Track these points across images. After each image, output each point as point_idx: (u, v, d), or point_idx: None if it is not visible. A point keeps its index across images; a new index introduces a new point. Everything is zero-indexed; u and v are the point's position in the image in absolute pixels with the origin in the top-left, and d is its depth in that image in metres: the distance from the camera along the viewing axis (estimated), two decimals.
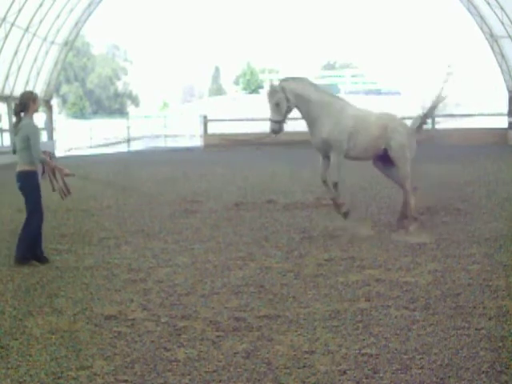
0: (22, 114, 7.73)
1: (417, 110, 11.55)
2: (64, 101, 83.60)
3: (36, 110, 7.84)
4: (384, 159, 9.75)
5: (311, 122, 9.45)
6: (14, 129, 7.77)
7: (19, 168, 7.72)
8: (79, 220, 11.12)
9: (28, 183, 7.73)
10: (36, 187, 7.75)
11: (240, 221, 10.60)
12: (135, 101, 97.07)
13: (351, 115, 9.46)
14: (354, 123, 9.39)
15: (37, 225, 7.81)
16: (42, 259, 7.78)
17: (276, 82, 9.39)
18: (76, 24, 35.06)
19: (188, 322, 5.46)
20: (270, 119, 9.27)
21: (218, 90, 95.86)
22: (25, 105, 7.68)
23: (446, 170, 18.94)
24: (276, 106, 9.19)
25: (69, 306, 6.01)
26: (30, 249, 7.74)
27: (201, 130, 38.22)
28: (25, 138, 7.59)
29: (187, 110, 62.60)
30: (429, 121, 37.45)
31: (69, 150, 37.37)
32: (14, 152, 7.91)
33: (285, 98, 9.18)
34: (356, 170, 19.66)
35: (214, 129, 38.41)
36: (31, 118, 7.78)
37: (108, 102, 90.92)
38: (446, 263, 7.28)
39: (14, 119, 7.83)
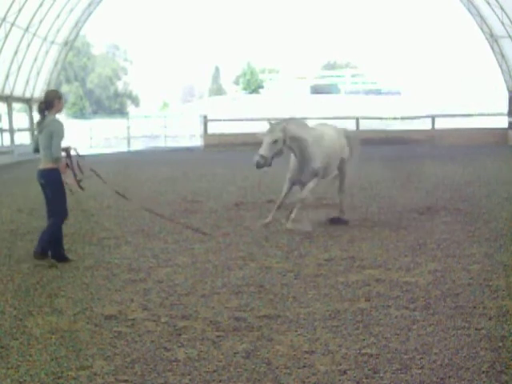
0: (46, 113, 7.72)
1: (417, 110, 11.67)
2: (64, 101, 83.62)
3: (60, 110, 7.86)
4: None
5: (303, 158, 9.67)
6: (38, 127, 7.75)
7: (43, 166, 7.69)
8: (79, 220, 11.12)
9: (52, 181, 7.69)
10: (61, 185, 7.73)
11: (240, 221, 10.60)
12: (135, 101, 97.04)
13: (327, 138, 10.01)
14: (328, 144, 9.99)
15: (61, 223, 7.81)
16: (62, 258, 7.77)
17: (277, 122, 9.61)
18: (76, 24, 35.09)
19: (188, 322, 5.46)
20: (261, 154, 9.32)
21: (218, 90, 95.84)
22: (50, 103, 7.69)
23: (446, 169, 18.95)
24: (272, 144, 9.34)
25: (69, 306, 6.01)
26: (53, 247, 7.72)
27: (201, 130, 38.23)
28: (50, 135, 7.57)
29: (187, 110, 62.61)
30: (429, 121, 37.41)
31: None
32: (35, 150, 7.90)
33: (283, 139, 9.39)
34: (355, 170, 19.67)
35: (214, 129, 38.43)
36: (54, 116, 7.77)
37: (108, 102, 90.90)
38: (446, 263, 7.28)
39: (38, 117, 7.83)
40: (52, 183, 7.70)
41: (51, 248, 7.72)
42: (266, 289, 6.44)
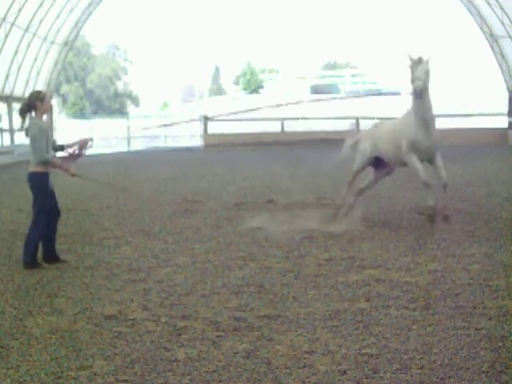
0: (33, 114, 7.61)
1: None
2: (64, 101, 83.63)
3: (45, 111, 7.72)
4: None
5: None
6: (25, 131, 7.70)
7: (30, 169, 7.63)
8: (79, 220, 11.12)
9: (36, 184, 7.58)
10: (43, 189, 7.56)
11: (240, 221, 10.59)
12: (135, 101, 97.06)
13: None
14: None
15: (43, 226, 7.65)
16: (55, 259, 7.75)
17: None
18: (76, 24, 35.06)
19: (188, 322, 5.46)
20: (418, 76, 9.34)
21: (218, 90, 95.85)
22: (31, 105, 7.55)
23: (446, 170, 18.91)
24: (426, 75, 9.31)
25: (69, 306, 6.01)
26: (44, 250, 7.70)
27: (201, 130, 38.22)
28: (33, 138, 7.49)
29: (187, 110, 62.60)
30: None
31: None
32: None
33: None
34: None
35: (213, 129, 38.42)
36: (40, 118, 7.66)
37: (108, 102, 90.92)
38: (446, 263, 7.28)
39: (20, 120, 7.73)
40: (34, 187, 7.59)
41: (43, 249, 7.69)
42: (265, 289, 6.44)
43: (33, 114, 7.62)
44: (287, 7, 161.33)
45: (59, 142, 8.38)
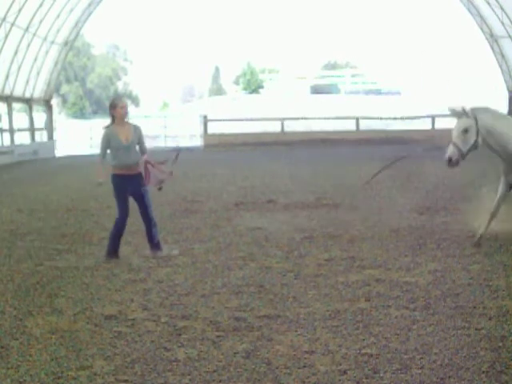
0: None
1: (417, 110, 11.64)
2: (64, 101, 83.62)
3: (118, 116, 8.04)
4: None
5: (507, 156, 8.39)
6: None
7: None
8: (79, 220, 11.12)
9: (112, 184, 8.05)
10: (114, 189, 8.03)
11: (240, 221, 10.59)
12: (135, 101, 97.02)
13: None
14: None
15: (119, 223, 8.10)
16: (153, 251, 8.10)
17: (462, 109, 7.99)
18: (76, 24, 35.08)
19: (188, 322, 5.46)
20: (454, 142, 7.92)
21: (218, 90, 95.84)
22: (109, 113, 8.17)
23: (446, 170, 18.91)
24: (463, 133, 7.90)
25: (69, 306, 6.01)
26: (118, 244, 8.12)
27: (201, 130, 38.22)
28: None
29: (187, 110, 62.60)
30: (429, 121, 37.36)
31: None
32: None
33: (476, 129, 7.86)
34: (356, 170, 19.68)
35: (213, 129, 38.42)
36: (117, 123, 8.06)
37: (108, 102, 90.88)
38: (446, 263, 7.27)
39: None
40: (112, 187, 8.09)
41: (118, 246, 8.11)
42: (265, 289, 6.44)
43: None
44: (287, 7, 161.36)
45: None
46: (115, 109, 8.05)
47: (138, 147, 8.10)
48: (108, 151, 8.09)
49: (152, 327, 5.34)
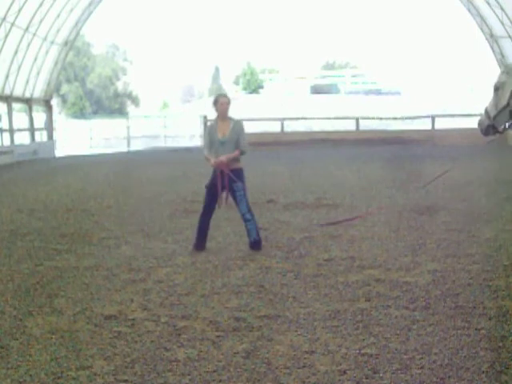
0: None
1: (417, 110, 11.63)
2: (64, 101, 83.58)
3: (218, 111, 8.16)
4: None
5: None
6: None
7: None
8: (79, 220, 11.12)
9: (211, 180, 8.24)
10: (207, 184, 8.24)
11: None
12: (135, 101, 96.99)
13: None
14: None
15: (201, 216, 8.38)
16: (253, 246, 8.18)
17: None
18: (76, 24, 35.08)
19: (188, 322, 5.46)
20: (486, 108, 6.50)
21: (217, 90, 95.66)
22: (214, 108, 8.25)
23: (446, 170, 18.91)
24: (495, 92, 6.44)
25: (69, 306, 6.01)
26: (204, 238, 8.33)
27: (201, 130, 38.21)
28: None
29: (187, 110, 62.60)
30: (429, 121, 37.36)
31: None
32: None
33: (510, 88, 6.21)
34: (356, 170, 19.69)
35: None
36: (218, 118, 8.21)
37: (108, 102, 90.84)
38: (446, 263, 7.27)
39: None
40: None
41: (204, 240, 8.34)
42: (265, 289, 6.44)
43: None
44: (287, 7, 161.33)
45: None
46: (216, 104, 8.18)
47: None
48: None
49: (152, 327, 5.34)
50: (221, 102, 8.13)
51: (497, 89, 6.43)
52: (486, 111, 6.49)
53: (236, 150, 8.05)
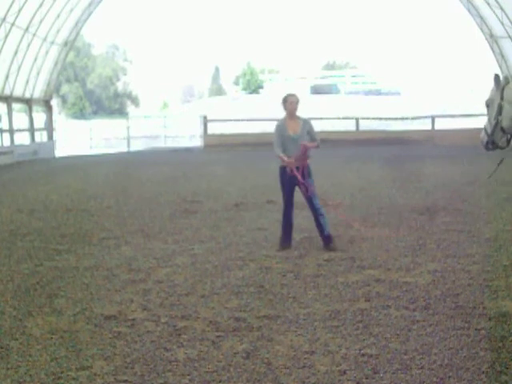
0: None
1: (417, 110, 11.61)
2: (64, 101, 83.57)
3: (287, 110, 8.34)
4: None
5: None
6: None
7: None
8: (79, 220, 11.12)
9: (280, 177, 8.37)
10: (282, 182, 8.33)
11: (240, 221, 10.59)
12: (135, 101, 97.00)
13: None
14: None
15: (284, 214, 8.36)
16: (326, 244, 8.17)
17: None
18: (76, 24, 35.07)
19: (188, 322, 5.46)
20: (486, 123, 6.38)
21: (217, 90, 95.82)
22: (283, 107, 8.40)
23: (446, 170, 18.95)
24: (487, 108, 6.38)
25: (69, 306, 6.01)
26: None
27: (201, 131, 38.22)
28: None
29: (187, 110, 62.60)
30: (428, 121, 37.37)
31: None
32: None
33: (499, 102, 6.11)
34: (356, 170, 19.69)
35: (213, 129, 38.40)
36: (287, 117, 8.37)
37: (108, 102, 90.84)
38: (446, 263, 7.27)
39: None
40: (280, 180, 8.43)
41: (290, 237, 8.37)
42: (265, 289, 6.44)
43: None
44: (287, 7, 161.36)
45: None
46: (285, 103, 8.34)
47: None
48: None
49: (152, 327, 5.34)
50: (290, 101, 8.33)
51: (487, 106, 6.41)
52: (485, 128, 6.47)
53: (313, 143, 8.26)
